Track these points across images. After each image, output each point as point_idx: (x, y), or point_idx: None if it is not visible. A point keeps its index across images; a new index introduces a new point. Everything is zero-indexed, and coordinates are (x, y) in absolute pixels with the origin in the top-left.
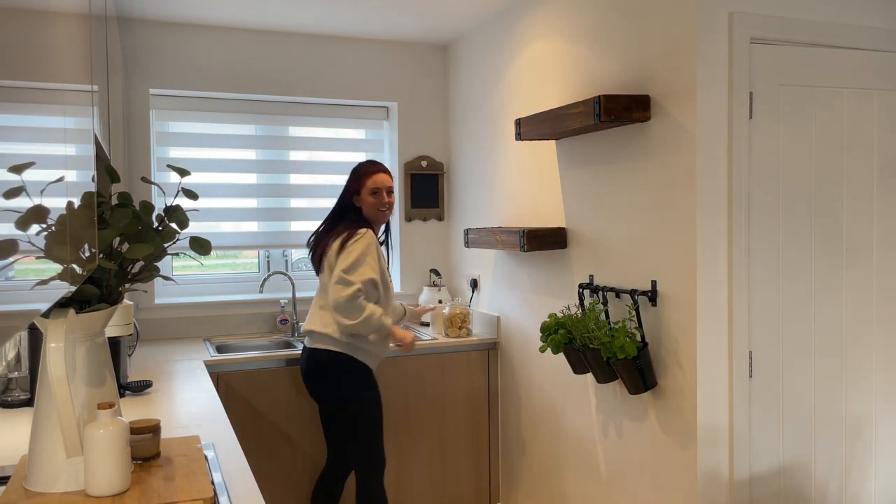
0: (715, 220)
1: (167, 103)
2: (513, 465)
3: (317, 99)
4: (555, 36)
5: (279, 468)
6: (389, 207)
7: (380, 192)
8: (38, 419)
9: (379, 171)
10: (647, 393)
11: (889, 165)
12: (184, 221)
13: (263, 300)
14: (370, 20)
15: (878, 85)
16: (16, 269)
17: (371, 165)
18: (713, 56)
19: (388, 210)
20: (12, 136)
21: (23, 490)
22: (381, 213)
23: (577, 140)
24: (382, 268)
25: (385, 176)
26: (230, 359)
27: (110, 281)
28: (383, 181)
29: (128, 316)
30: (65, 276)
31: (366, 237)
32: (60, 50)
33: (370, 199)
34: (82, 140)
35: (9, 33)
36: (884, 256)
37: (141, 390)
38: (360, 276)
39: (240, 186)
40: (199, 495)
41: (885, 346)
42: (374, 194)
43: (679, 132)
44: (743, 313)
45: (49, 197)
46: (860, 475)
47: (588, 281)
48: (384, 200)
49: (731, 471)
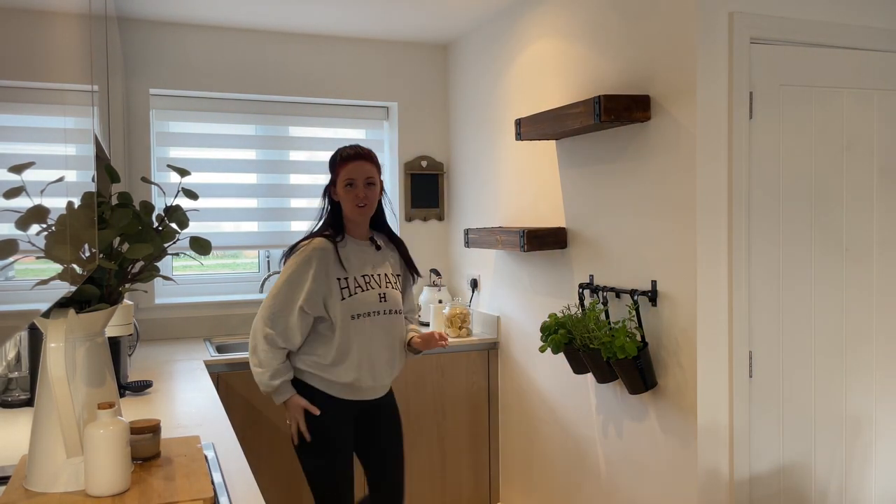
0: (715, 220)
1: (167, 103)
2: (513, 465)
3: (317, 99)
4: (555, 36)
5: (279, 468)
6: (369, 204)
7: (354, 183)
8: (38, 419)
9: (354, 157)
10: (647, 393)
11: (889, 165)
12: (184, 221)
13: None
14: (370, 20)
15: (878, 85)
16: (16, 269)
17: (346, 150)
18: (713, 56)
19: (366, 207)
20: (12, 136)
21: (23, 490)
22: (359, 210)
23: (577, 140)
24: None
25: (361, 164)
26: (230, 359)
27: (110, 281)
28: (357, 171)
29: (128, 316)
30: (65, 276)
31: (301, 252)
32: (60, 50)
33: (343, 194)
34: (82, 140)
35: (9, 33)
36: (884, 256)
37: (141, 390)
38: (270, 308)
39: (240, 186)
40: (199, 495)
41: (885, 346)
42: (347, 186)
43: (679, 132)
44: (743, 313)
45: (49, 197)
46: (860, 475)
47: (588, 281)
48: (359, 194)
49: (731, 471)
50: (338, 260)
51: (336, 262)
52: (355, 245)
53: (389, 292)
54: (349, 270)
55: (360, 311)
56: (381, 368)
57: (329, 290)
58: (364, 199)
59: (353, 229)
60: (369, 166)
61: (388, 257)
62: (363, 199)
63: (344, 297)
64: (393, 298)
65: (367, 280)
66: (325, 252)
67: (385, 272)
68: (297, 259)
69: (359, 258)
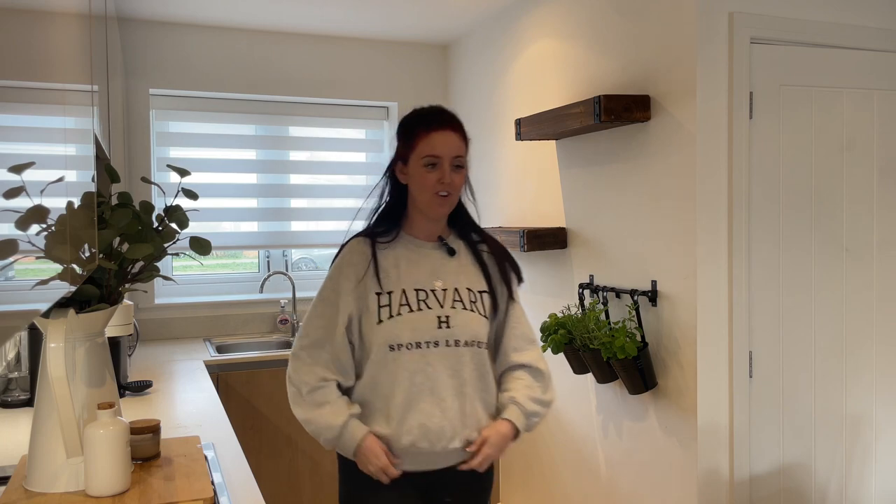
0: (715, 220)
1: (167, 103)
2: (513, 464)
3: (317, 99)
4: (555, 36)
5: (279, 468)
6: (454, 192)
7: (439, 162)
8: (38, 419)
9: (440, 124)
10: (647, 393)
11: (889, 165)
12: (184, 221)
13: (263, 300)
14: (370, 20)
15: (878, 85)
16: (16, 269)
17: (426, 113)
18: (713, 56)
19: (449, 196)
20: (12, 136)
21: (23, 490)
22: (439, 201)
23: (577, 140)
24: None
25: (449, 135)
26: (230, 359)
27: (110, 281)
28: (444, 144)
29: (128, 316)
30: (65, 276)
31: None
32: (60, 50)
33: (419, 174)
34: (82, 140)
35: (9, 33)
36: (884, 256)
37: (141, 390)
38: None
39: (240, 186)
40: (199, 495)
41: (885, 346)
42: (427, 166)
43: (679, 132)
44: (743, 313)
45: (49, 197)
46: (860, 475)
47: (588, 281)
48: (444, 178)
49: (731, 471)
50: (373, 267)
51: (372, 270)
52: (412, 247)
53: (459, 316)
54: (392, 282)
55: (404, 339)
56: (441, 425)
57: (365, 309)
58: (450, 184)
59: (418, 225)
60: (459, 141)
61: (466, 267)
62: (448, 186)
63: (381, 320)
64: (464, 325)
65: (424, 297)
66: (360, 256)
67: (457, 286)
68: (331, 269)
69: (413, 265)
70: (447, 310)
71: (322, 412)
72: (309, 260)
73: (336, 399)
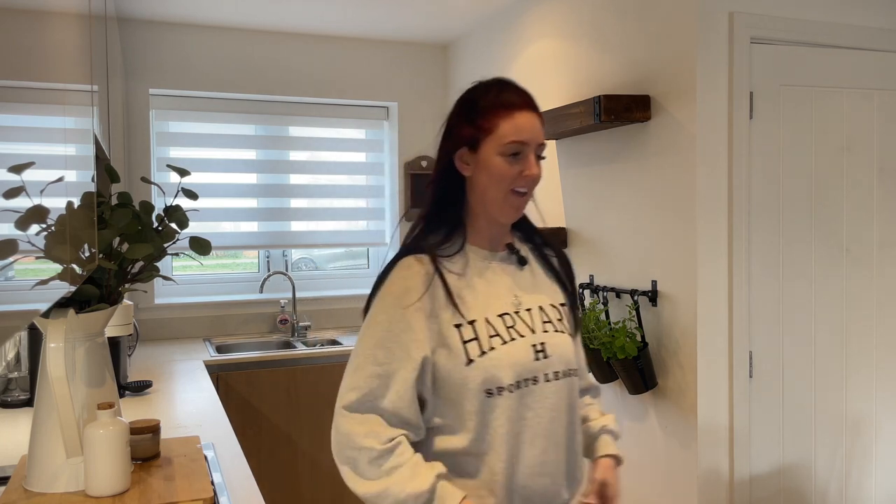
0: (715, 220)
1: (167, 103)
2: None
3: (317, 99)
4: (555, 36)
5: (279, 468)
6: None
7: (524, 151)
8: (38, 419)
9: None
10: (648, 393)
11: (889, 165)
12: (184, 221)
13: (263, 300)
14: (370, 20)
15: (878, 85)
16: (16, 269)
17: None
18: (713, 56)
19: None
20: (12, 136)
21: (23, 490)
22: (518, 201)
23: (577, 140)
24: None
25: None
26: (230, 359)
27: (110, 281)
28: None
29: (128, 316)
30: (65, 276)
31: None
32: (60, 50)
33: (499, 167)
34: (82, 140)
35: (9, 33)
36: (884, 256)
37: (141, 390)
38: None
39: (240, 186)
40: (199, 495)
41: (885, 346)
42: (510, 156)
43: (679, 132)
44: (743, 313)
45: (49, 197)
46: (860, 475)
47: (588, 281)
48: (528, 172)
49: (731, 471)
50: (446, 292)
51: (444, 295)
52: (479, 261)
53: (553, 340)
54: (471, 309)
55: (506, 381)
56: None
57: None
58: (535, 180)
59: (483, 231)
60: (541, 126)
61: (540, 278)
62: (532, 181)
63: (472, 360)
64: (561, 351)
65: (511, 323)
66: (422, 280)
67: (541, 304)
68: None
69: (489, 284)
70: (539, 335)
71: (398, 479)
72: (309, 260)
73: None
